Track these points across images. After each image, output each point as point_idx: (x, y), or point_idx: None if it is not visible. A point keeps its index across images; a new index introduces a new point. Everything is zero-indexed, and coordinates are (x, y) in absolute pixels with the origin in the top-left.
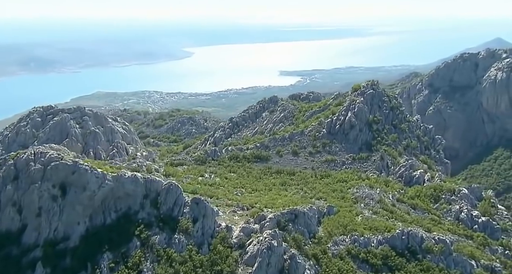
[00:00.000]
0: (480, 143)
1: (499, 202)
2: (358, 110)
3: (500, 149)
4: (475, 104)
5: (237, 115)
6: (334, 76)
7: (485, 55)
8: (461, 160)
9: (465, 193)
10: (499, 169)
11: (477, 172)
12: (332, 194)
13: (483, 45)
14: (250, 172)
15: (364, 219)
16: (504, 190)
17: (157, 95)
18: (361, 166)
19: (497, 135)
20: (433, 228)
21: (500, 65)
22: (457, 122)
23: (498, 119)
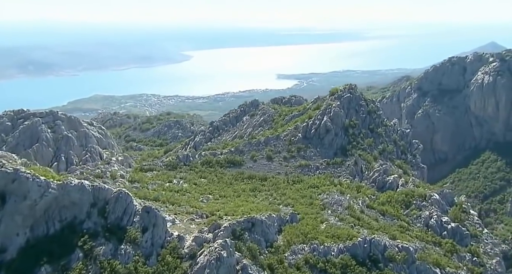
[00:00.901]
0: (468, 146)
1: (485, 205)
2: (334, 115)
3: (488, 152)
4: (463, 107)
5: (218, 119)
6: (331, 79)
7: (472, 59)
8: (450, 163)
9: (436, 199)
10: (486, 172)
11: (464, 175)
12: (301, 200)
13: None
14: (221, 178)
15: (328, 226)
16: (490, 193)
17: (155, 98)
18: (335, 171)
19: (485, 139)
20: (400, 235)
21: (487, 69)
22: (445, 125)
23: (485, 122)
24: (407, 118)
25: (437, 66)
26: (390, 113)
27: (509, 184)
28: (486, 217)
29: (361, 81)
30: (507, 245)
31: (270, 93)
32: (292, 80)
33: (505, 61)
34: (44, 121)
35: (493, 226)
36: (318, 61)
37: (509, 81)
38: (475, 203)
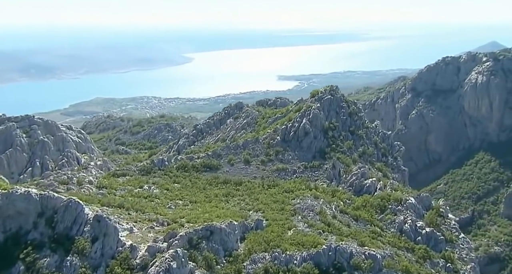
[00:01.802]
0: (462, 147)
1: (479, 206)
2: (313, 117)
3: (481, 152)
4: (457, 108)
5: (202, 122)
6: (331, 80)
7: (466, 59)
8: (444, 164)
9: (411, 203)
10: (479, 173)
11: (458, 176)
12: (272, 205)
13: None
14: (195, 183)
15: (295, 233)
16: (484, 194)
17: (155, 100)
18: (312, 175)
19: (479, 139)
20: (370, 241)
21: (481, 69)
22: (439, 126)
23: (479, 123)
24: (401, 119)
25: (431, 66)
26: (384, 114)
27: (503, 184)
28: (479, 219)
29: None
30: (500, 247)
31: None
32: (292, 81)
33: (499, 61)
34: (19, 126)
35: (486, 227)
36: (319, 62)
37: (502, 81)
38: (468, 204)
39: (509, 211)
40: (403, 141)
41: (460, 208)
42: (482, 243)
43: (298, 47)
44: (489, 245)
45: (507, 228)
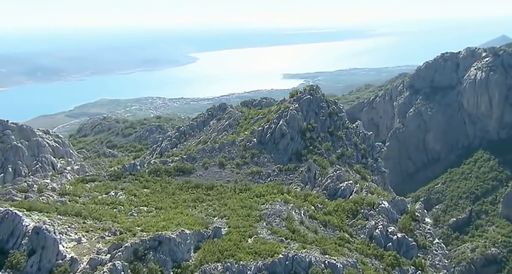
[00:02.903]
0: (461, 145)
1: (477, 206)
2: (290, 118)
3: (481, 151)
4: (456, 105)
5: (185, 124)
6: (337, 78)
7: (465, 54)
8: (442, 163)
9: (384, 207)
10: (478, 172)
11: (456, 175)
12: (240, 211)
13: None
14: (165, 187)
15: (255, 241)
16: (482, 194)
17: (160, 101)
18: (287, 178)
19: (478, 137)
20: (336, 248)
21: (480, 64)
22: (438, 124)
23: (479, 120)
24: (399, 117)
25: (429, 62)
26: (383, 112)
27: (502, 184)
28: (477, 219)
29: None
30: (497, 248)
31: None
32: (297, 80)
33: (498, 56)
34: None
35: (484, 228)
36: (324, 60)
37: (502, 77)
38: (466, 204)
39: (507, 211)
40: (401, 140)
41: (458, 208)
42: (479, 244)
43: (303, 45)
44: (486, 246)
45: (505, 228)
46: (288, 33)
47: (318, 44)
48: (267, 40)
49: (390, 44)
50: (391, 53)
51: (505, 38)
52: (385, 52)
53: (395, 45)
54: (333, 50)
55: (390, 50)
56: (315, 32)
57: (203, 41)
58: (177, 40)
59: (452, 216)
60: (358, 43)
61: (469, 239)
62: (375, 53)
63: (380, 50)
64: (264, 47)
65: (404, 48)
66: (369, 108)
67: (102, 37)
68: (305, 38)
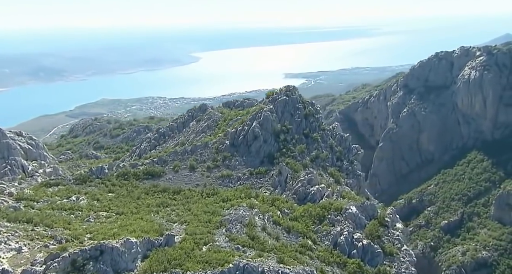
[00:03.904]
0: (455, 146)
1: (469, 209)
2: (264, 119)
3: (474, 151)
4: (450, 105)
5: (165, 126)
6: (339, 77)
7: (460, 53)
8: (436, 164)
9: (351, 212)
10: (471, 174)
11: (449, 176)
12: (201, 216)
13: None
14: (131, 192)
15: (209, 249)
16: (474, 195)
17: (160, 101)
18: (257, 182)
19: (472, 138)
20: (296, 256)
21: (474, 63)
22: (431, 124)
23: (473, 120)
24: (393, 117)
25: (423, 62)
26: (378, 112)
27: (495, 185)
28: (469, 221)
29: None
30: (488, 251)
31: None
32: (299, 79)
33: (493, 55)
34: None
35: (476, 230)
36: (327, 59)
37: (496, 76)
38: (458, 206)
39: (499, 214)
40: (395, 140)
41: (450, 210)
42: (470, 247)
43: (306, 45)
44: (477, 250)
45: (496, 231)
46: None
47: (322, 43)
48: (270, 40)
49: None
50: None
51: (509, 36)
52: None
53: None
54: (336, 49)
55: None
56: (319, 31)
57: (205, 40)
58: (179, 39)
59: (444, 218)
60: (362, 42)
61: (460, 242)
62: (379, 52)
63: (384, 49)
64: (267, 46)
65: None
66: (363, 108)
67: (105, 37)
68: (309, 38)
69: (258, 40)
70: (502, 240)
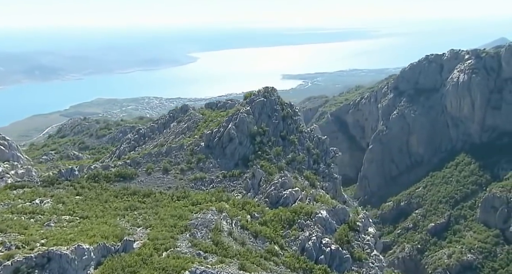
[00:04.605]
0: (444, 148)
1: (456, 211)
2: (239, 121)
3: (462, 154)
4: (439, 108)
5: (146, 126)
6: (336, 79)
7: (449, 56)
8: (425, 166)
9: (321, 217)
10: (459, 176)
11: (437, 179)
12: (167, 220)
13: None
14: (100, 194)
15: (168, 255)
16: (461, 198)
17: (157, 101)
18: (230, 185)
19: (461, 140)
20: (260, 262)
21: (463, 67)
22: (421, 127)
23: (461, 123)
24: (383, 119)
25: (413, 64)
26: (368, 114)
27: (481, 188)
28: (456, 224)
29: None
30: (473, 254)
31: None
32: (297, 81)
33: (481, 59)
34: None
35: (462, 233)
36: (325, 61)
37: (484, 79)
38: (445, 209)
39: (485, 216)
40: (384, 142)
41: (437, 213)
42: (455, 250)
43: (305, 46)
44: (463, 252)
45: (482, 234)
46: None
47: (320, 45)
48: (269, 40)
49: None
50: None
51: (504, 40)
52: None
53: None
54: (335, 51)
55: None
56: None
57: (204, 40)
58: (178, 39)
59: (431, 220)
60: (361, 44)
61: (446, 245)
62: (377, 54)
63: (383, 51)
64: (266, 47)
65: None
66: (354, 110)
67: (103, 36)
68: (307, 39)
69: (257, 41)
70: (487, 242)
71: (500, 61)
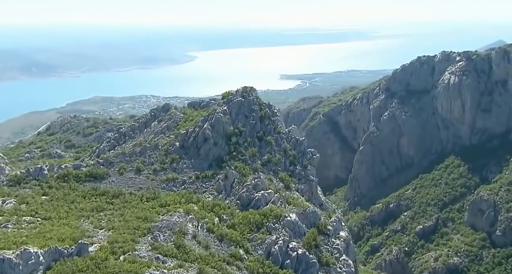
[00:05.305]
0: (435, 150)
1: (444, 214)
2: (215, 121)
3: (452, 157)
4: (430, 109)
5: (127, 125)
6: (334, 80)
7: (441, 58)
8: (415, 168)
9: (289, 220)
10: (447, 179)
11: (427, 181)
12: (131, 222)
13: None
14: (67, 194)
15: (125, 259)
16: (450, 201)
17: (154, 99)
18: (202, 186)
19: (451, 143)
20: (222, 266)
21: (454, 68)
22: (411, 128)
23: (452, 125)
24: (374, 120)
25: (405, 65)
26: (360, 115)
27: (470, 191)
28: (443, 227)
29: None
30: (459, 257)
31: (271, 94)
32: (294, 81)
33: (472, 60)
34: None
35: (449, 236)
36: (325, 61)
37: (474, 81)
38: (434, 212)
39: (472, 219)
40: (375, 144)
41: (425, 215)
42: (442, 253)
43: (304, 46)
44: (449, 256)
45: (468, 237)
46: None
47: (320, 45)
48: (268, 41)
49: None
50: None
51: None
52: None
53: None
54: (334, 51)
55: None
56: (317, 33)
57: (203, 40)
58: (176, 38)
59: (419, 223)
60: (360, 45)
61: (434, 248)
62: (376, 55)
63: (381, 52)
64: (265, 47)
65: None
66: (347, 111)
67: (101, 34)
68: (307, 39)
69: (256, 41)
70: (474, 246)
71: (491, 63)
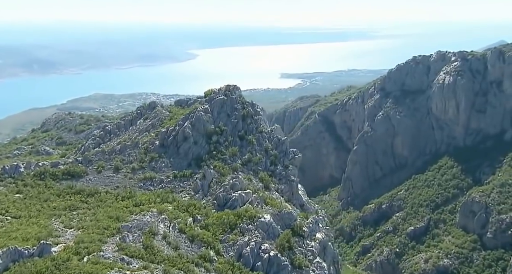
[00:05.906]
0: (429, 151)
1: (436, 215)
2: (196, 120)
3: (446, 157)
4: (425, 110)
5: (113, 123)
6: (334, 79)
7: (436, 58)
8: (409, 169)
9: (263, 221)
10: (440, 180)
11: (420, 182)
12: (102, 222)
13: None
14: (42, 193)
15: (88, 260)
16: (442, 202)
17: (154, 97)
18: (180, 185)
19: (445, 143)
20: (189, 268)
21: (449, 69)
22: (406, 128)
23: (446, 126)
24: (368, 120)
25: (401, 65)
26: (355, 115)
27: (462, 192)
28: (435, 228)
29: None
30: (449, 259)
31: (271, 93)
32: (295, 80)
33: (467, 61)
34: None
35: (441, 238)
36: (326, 61)
37: (469, 82)
38: (426, 213)
39: (464, 221)
40: (369, 144)
41: (417, 216)
42: (432, 254)
43: (305, 45)
44: (439, 257)
45: (459, 239)
46: (291, 33)
47: (321, 44)
48: (269, 39)
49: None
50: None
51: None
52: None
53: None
54: (335, 51)
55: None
56: (318, 32)
57: (204, 38)
58: (177, 36)
59: (411, 224)
60: (360, 45)
61: (424, 249)
62: (377, 55)
63: (382, 52)
64: (265, 46)
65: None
66: (342, 110)
67: (103, 31)
68: (308, 38)
69: (257, 39)
70: (464, 248)
71: (486, 63)
